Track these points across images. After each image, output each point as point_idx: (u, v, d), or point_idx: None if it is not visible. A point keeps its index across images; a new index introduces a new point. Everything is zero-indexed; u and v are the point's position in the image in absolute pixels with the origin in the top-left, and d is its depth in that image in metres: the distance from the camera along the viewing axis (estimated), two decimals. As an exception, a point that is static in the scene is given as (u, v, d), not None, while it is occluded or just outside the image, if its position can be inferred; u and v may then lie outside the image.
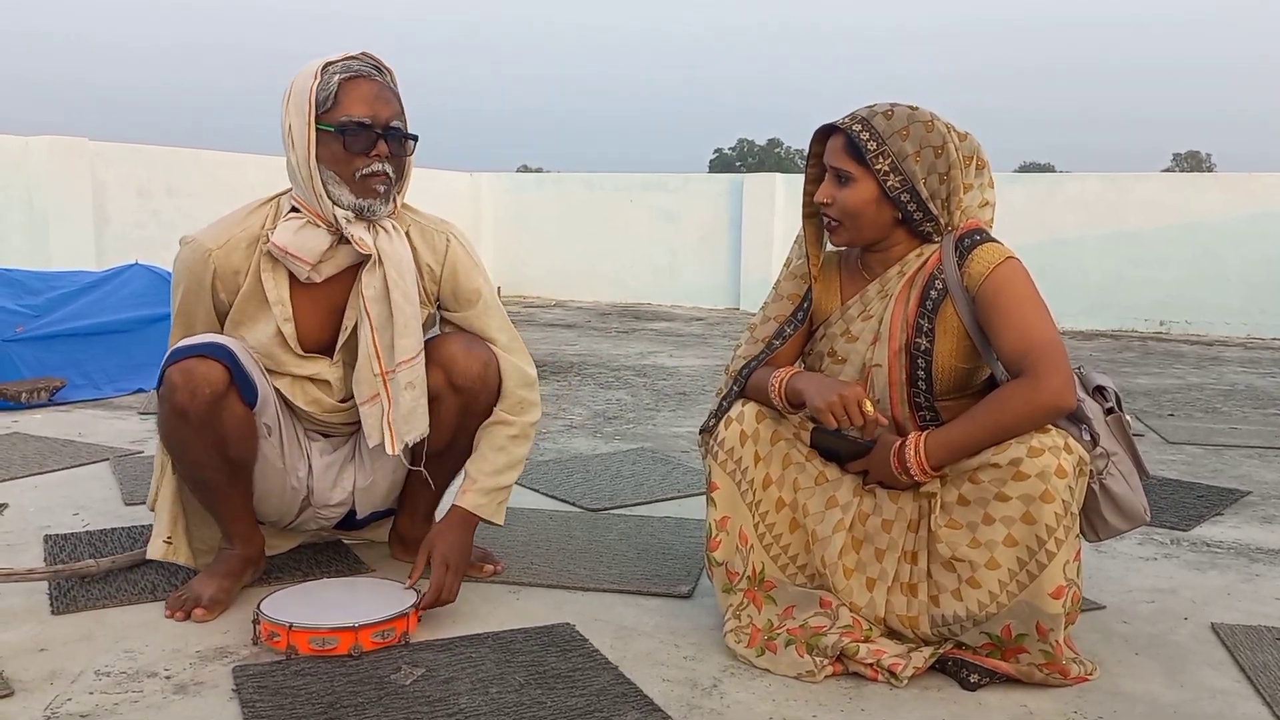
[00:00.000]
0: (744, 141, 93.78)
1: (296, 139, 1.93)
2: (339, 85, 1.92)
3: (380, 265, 1.99)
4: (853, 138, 1.83)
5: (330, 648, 1.78)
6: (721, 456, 1.86)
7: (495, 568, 2.22)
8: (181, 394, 1.88)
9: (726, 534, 1.86)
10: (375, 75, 1.97)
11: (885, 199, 1.84)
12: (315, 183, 1.93)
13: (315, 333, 2.05)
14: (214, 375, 1.89)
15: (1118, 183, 8.51)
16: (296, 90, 1.93)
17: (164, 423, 1.96)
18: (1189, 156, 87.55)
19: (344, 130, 1.91)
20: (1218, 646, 1.94)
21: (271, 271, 2.00)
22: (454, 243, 2.12)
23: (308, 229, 1.96)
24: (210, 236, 2.01)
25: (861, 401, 1.74)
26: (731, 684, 1.75)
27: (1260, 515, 2.86)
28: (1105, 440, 1.81)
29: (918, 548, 1.81)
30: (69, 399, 4.19)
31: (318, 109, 1.91)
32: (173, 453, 2.00)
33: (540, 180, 11.55)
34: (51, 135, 7.36)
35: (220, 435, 1.93)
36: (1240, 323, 8.10)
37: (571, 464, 3.28)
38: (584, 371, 5.41)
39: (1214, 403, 4.84)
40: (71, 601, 2.03)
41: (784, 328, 1.97)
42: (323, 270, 2.00)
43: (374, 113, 1.92)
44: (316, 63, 1.94)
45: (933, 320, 1.83)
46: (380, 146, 1.94)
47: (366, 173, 1.94)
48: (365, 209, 1.96)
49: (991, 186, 1.94)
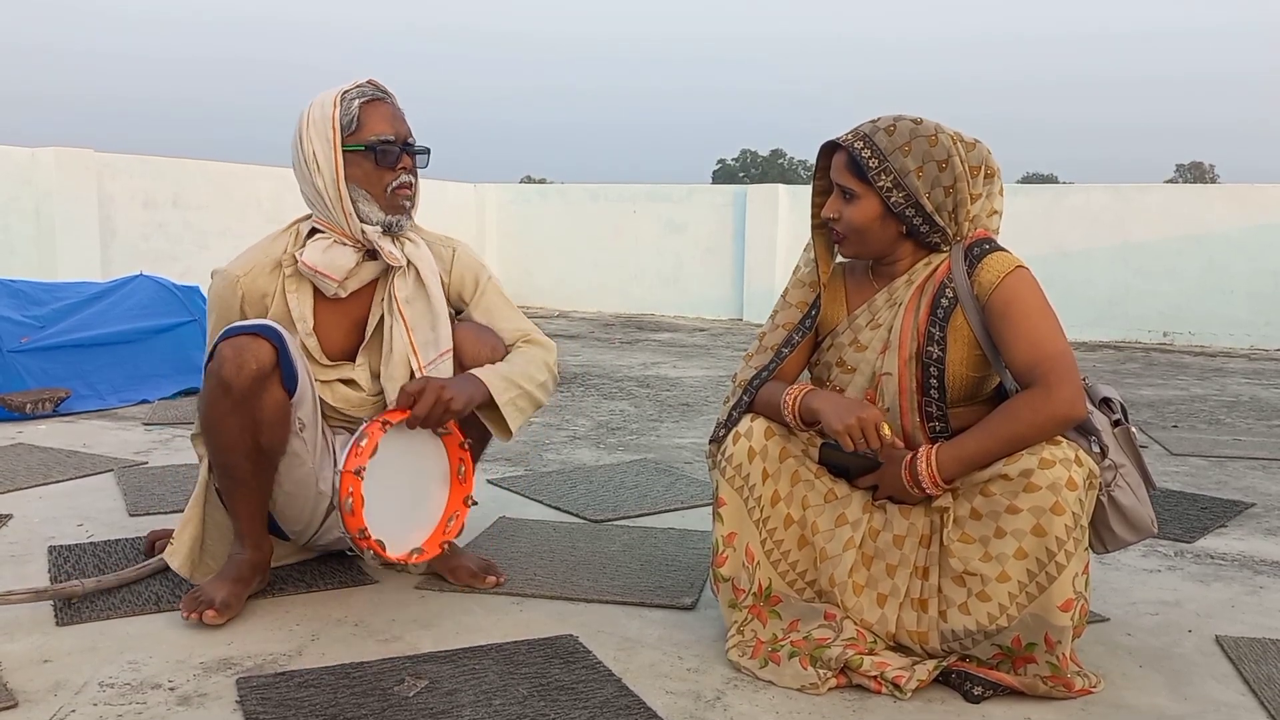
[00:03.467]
0: (747, 152, 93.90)
1: (323, 163, 2.07)
2: (360, 109, 2.08)
3: (412, 268, 2.14)
4: (855, 155, 1.84)
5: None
6: (729, 472, 1.86)
7: (498, 579, 2.23)
8: (229, 367, 1.95)
9: (733, 550, 1.86)
10: (388, 98, 2.14)
11: (889, 214, 1.85)
12: (345, 203, 2.08)
13: (339, 343, 2.17)
14: (262, 353, 1.97)
15: (1122, 194, 8.51)
16: (316, 119, 2.08)
17: (205, 397, 2.02)
18: (1192, 167, 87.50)
19: (374, 148, 2.07)
20: (1222, 659, 1.93)
21: (296, 291, 2.13)
22: (459, 251, 2.27)
23: (335, 248, 2.10)
24: (237, 265, 2.15)
25: (879, 424, 1.74)
26: (735, 696, 1.75)
27: (1265, 527, 2.85)
28: (1113, 452, 1.81)
29: (929, 563, 1.80)
30: (74, 410, 4.20)
31: (343, 132, 2.06)
32: (207, 433, 2.05)
33: (544, 191, 11.57)
34: (58, 146, 7.41)
35: (256, 417, 1.99)
36: (1244, 334, 8.09)
37: (575, 475, 3.28)
38: (588, 382, 5.41)
39: (1218, 414, 4.83)
40: (76, 613, 2.03)
41: (792, 335, 1.98)
42: (348, 286, 2.13)
43: (396, 130, 2.11)
44: (332, 92, 2.10)
45: (944, 329, 1.83)
46: (406, 160, 2.12)
47: (396, 185, 2.10)
48: (394, 225, 2.12)
49: (1001, 195, 1.94)
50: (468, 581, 2.20)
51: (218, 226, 8.30)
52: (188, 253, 8.07)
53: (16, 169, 7.38)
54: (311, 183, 2.09)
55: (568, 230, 10.64)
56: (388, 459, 1.97)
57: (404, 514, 2.06)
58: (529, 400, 2.14)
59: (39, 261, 7.32)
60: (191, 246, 8.14)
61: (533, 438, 3.90)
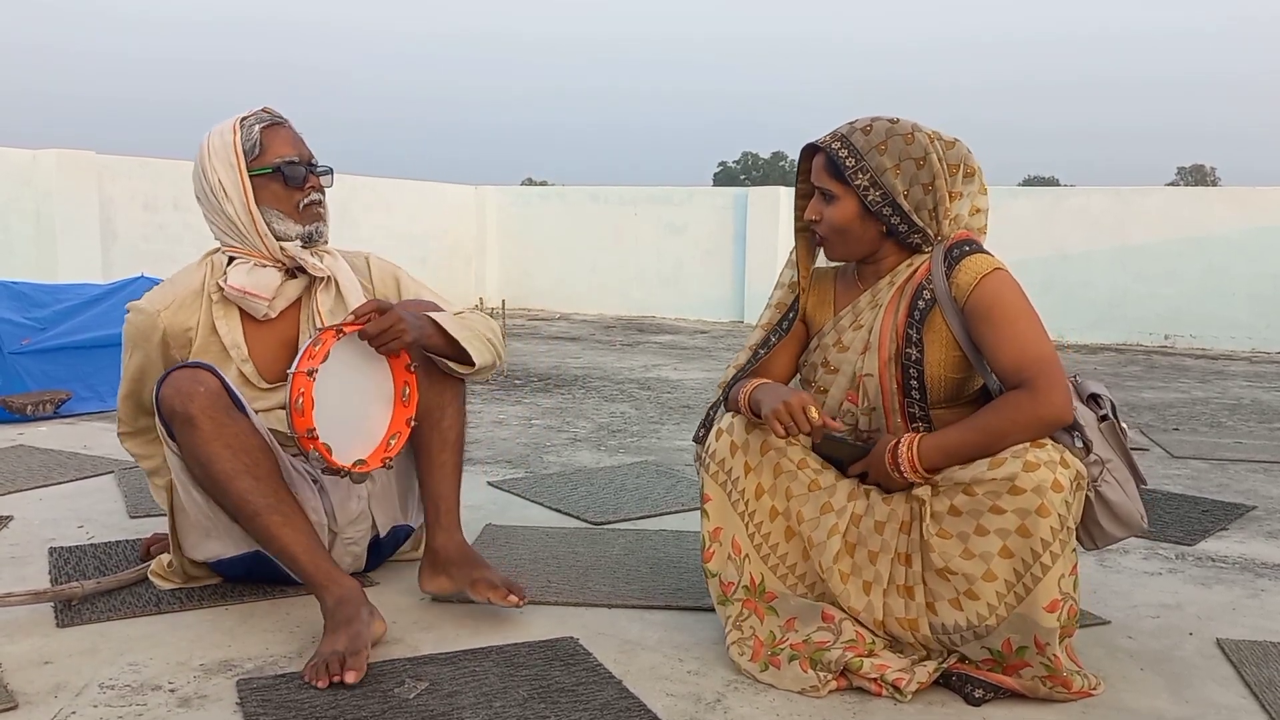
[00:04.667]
0: (748, 154, 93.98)
1: (230, 190, 2.09)
2: (261, 133, 2.12)
3: (334, 282, 2.17)
4: (832, 156, 1.85)
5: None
6: (713, 468, 1.87)
7: (520, 599, 2.00)
8: (178, 399, 1.91)
9: (719, 545, 1.87)
10: (286, 123, 2.18)
11: (868, 214, 1.86)
12: (259, 224, 2.11)
13: (273, 365, 2.16)
14: (203, 376, 1.96)
15: (1122, 197, 8.51)
16: (217, 147, 2.10)
17: (181, 445, 1.94)
18: (1194, 170, 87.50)
19: (280, 169, 2.11)
20: (1223, 662, 1.93)
21: (224, 318, 2.14)
22: (372, 258, 2.32)
23: (258, 269, 2.13)
24: (156, 300, 2.15)
25: (807, 407, 1.74)
26: (735, 699, 1.75)
27: (1266, 530, 2.85)
28: (1099, 447, 1.81)
29: (910, 550, 1.80)
30: (74, 411, 4.21)
31: (247, 157, 2.09)
32: (207, 481, 1.95)
33: (545, 194, 11.58)
34: (59, 149, 7.42)
35: (239, 437, 1.93)
36: (1245, 337, 8.09)
37: (576, 477, 3.28)
38: (588, 384, 5.41)
39: (1219, 417, 4.83)
40: (76, 614, 2.03)
41: (769, 336, 2.00)
42: (276, 305, 2.14)
43: (299, 152, 2.15)
44: (228, 121, 2.13)
45: (921, 330, 1.84)
46: (313, 179, 2.17)
47: (307, 203, 2.15)
48: (313, 233, 2.15)
49: (984, 193, 1.94)
50: (487, 595, 2.02)
51: (218, 228, 8.30)
52: (188, 255, 7.94)
53: (17, 171, 7.39)
54: (221, 211, 2.10)
55: (568, 232, 10.64)
56: (336, 369, 1.93)
57: (348, 425, 1.98)
58: (481, 342, 2.08)
59: (39, 263, 7.32)
60: (192, 248, 8.04)
61: (533, 440, 3.90)
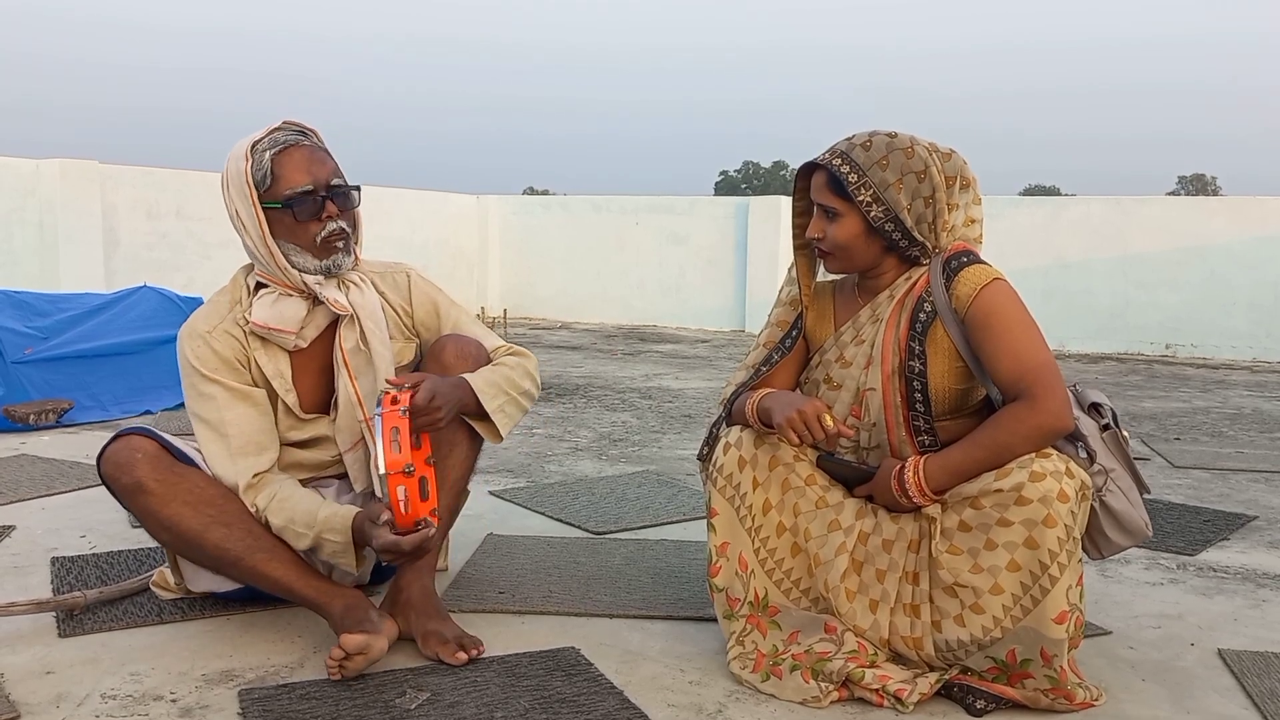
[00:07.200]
0: (749, 164, 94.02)
1: (247, 222, 1.99)
2: (272, 161, 1.96)
3: (356, 319, 2.05)
4: (834, 173, 1.86)
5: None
6: (720, 482, 1.87)
7: (469, 654, 1.89)
8: (121, 471, 1.91)
9: (726, 559, 1.87)
10: (303, 141, 2.01)
11: (872, 230, 1.86)
12: (277, 258, 1.99)
13: (313, 393, 2.09)
14: (137, 443, 1.94)
15: (1122, 206, 8.53)
16: (232, 175, 1.98)
17: (140, 514, 1.95)
18: (1194, 179, 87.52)
19: (290, 203, 1.96)
20: (1225, 673, 1.93)
21: (262, 349, 2.04)
22: (413, 276, 2.20)
23: (282, 300, 2.02)
24: (200, 323, 2.04)
25: (821, 415, 1.75)
26: (737, 709, 1.74)
27: (1267, 540, 2.85)
28: (1102, 457, 1.81)
29: (919, 568, 1.81)
30: (76, 421, 4.21)
31: (258, 189, 1.96)
32: (178, 543, 1.96)
33: (547, 203, 11.59)
34: (62, 158, 7.45)
35: (195, 490, 1.93)
36: (1246, 346, 8.09)
37: (577, 486, 3.28)
38: (590, 394, 5.42)
39: (1220, 427, 4.83)
40: (78, 624, 2.03)
41: (772, 354, 2.00)
42: (306, 335, 2.05)
43: (314, 178, 1.97)
44: (242, 144, 1.99)
45: (923, 342, 1.85)
46: (329, 207, 1.99)
47: (325, 235, 1.99)
48: (331, 267, 2.02)
49: (978, 204, 1.95)
50: (436, 651, 1.89)
51: (221, 237, 8.30)
52: (191, 263, 8.10)
53: (21, 180, 7.41)
54: (242, 240, 2.03)
55: (570, 241, 10.66)
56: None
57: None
58: (516, 407, 2.07)
59: (42, 272, 7.35)
60: (195, 257, 8.16)
61: (535, 449, 3.90)
